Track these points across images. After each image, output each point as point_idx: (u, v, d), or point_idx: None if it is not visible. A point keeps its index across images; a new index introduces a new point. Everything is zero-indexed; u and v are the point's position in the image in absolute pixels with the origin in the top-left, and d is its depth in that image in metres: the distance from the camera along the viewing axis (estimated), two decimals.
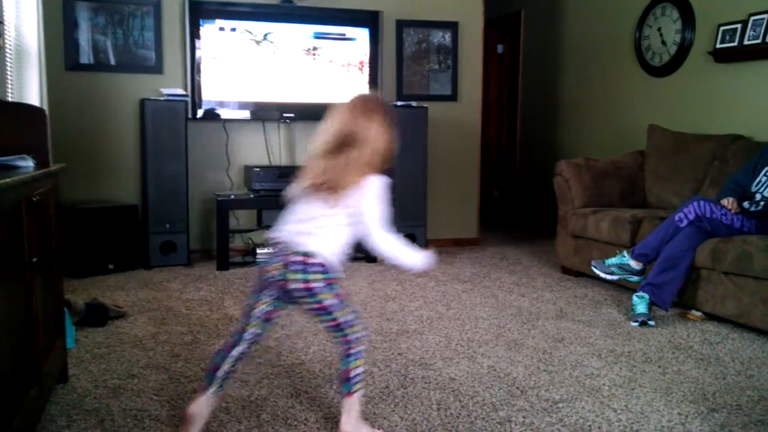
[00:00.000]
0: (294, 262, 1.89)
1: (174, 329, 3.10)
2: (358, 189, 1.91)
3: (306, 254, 1.89)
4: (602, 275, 3.64)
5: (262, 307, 1.98)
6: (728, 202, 3.38)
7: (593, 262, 3.71)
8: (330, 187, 1.91)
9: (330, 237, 1.93)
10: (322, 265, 1.90)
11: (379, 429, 2.10)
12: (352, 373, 1.96)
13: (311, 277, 1.89)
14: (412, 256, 2.01)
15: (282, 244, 1.95)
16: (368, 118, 1.96)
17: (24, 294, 1.84)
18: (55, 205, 2.36)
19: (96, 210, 4.26)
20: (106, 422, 2.12)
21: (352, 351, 1.97)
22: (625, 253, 3.59)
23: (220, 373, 1.97)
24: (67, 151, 4.28)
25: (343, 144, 1.93)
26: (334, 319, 1.93)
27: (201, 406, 1.96)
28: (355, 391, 1.97)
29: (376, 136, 1.96)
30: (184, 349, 2.82)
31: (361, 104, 2.00)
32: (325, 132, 1.99)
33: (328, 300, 1.91)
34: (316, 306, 1.92)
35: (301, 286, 1.89)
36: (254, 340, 2.02)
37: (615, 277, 3.62)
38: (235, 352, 1.99)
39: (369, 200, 1.92)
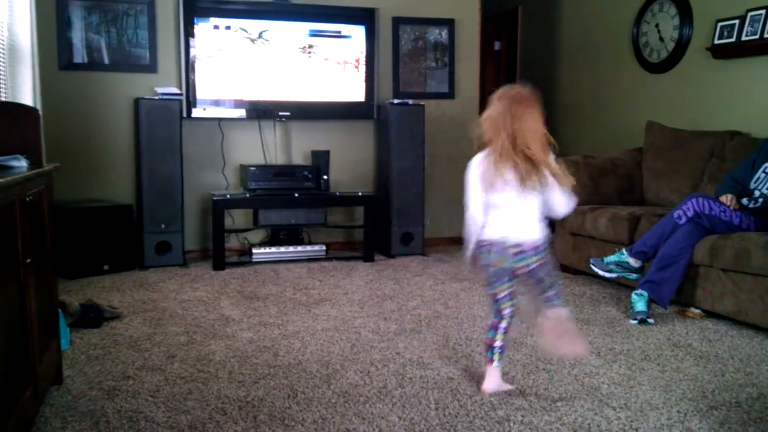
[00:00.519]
0: (529, 251, 2.25)
1: (169, 330, 3.08)
2: (542, 173, 2.24)
3: (533, 242, 2.25)
4: (601, 273, 3.63)
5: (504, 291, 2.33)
6: (727, 199, 3.37)
7: (592, 260, 3.70)
8: (526, 176, 2.21)
9: (536, 219, 2.27)
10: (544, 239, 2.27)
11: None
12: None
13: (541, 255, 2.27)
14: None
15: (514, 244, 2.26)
16: (528, 108, 2.30)
17: (18, 295, 1.82)
18: (49, 205, 2.34)
19: (90, 210, 4.23)
20: (101, 424, 2.10)
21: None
22: (623, 250, 3.57)
23: (496, 344, 2.35)
24: (61, 151, 4.26)
25: (515, 138, 2.24)
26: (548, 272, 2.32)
27: (493, 378, 2.36)
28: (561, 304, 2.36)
29: (537, 124, 2.30)
30: (179, 350, 2.80)
31: (519, 96, 2.31)
32: (493, 125, 2.30)
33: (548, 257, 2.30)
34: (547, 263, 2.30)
35: (539, 260, 2.27)
36: (512, 314, 2.35)
37: (614, 275, 3.61)
38: (502, 326, 2.35)
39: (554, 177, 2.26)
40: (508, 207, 2.25)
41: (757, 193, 3.40)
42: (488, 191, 2.27)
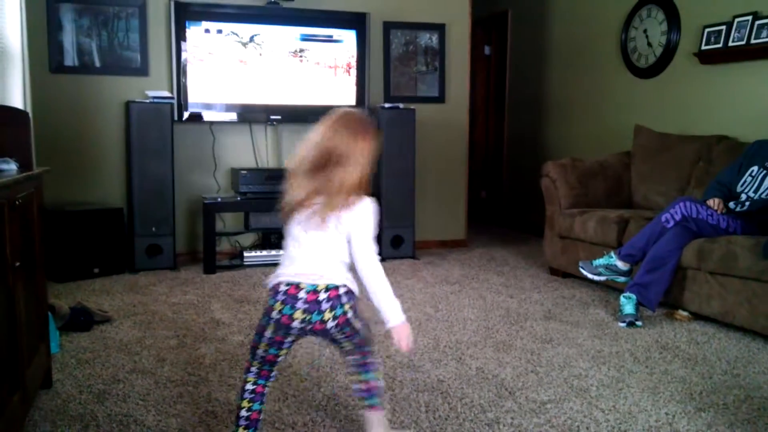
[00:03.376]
0: (324, 300, 1.77)
1: (160, 333, 3.07)
2: (348, 210, 1.78)
3: (331, 287, 1.78)
4: (590, 276, 3.66)
5: (279, 356, 1.87)
6: (714, 203, 3.40)
7: (581, 263, 3.72)
8: (320, 210, 1.78)
9: (338, 260, 1.81)
10: (347, 291, 1.80)
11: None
12: (378, 384, 1.96)
13: (346, 307, 1.80)
14: (393, 309, 1.83)
15: (295, 284, 1.78)
16: (354, 136, 1.80)
17: (7, 298, 1.82)
18: (39, 208, 2.33)
19: (81, 213, 4.22)
20: (91, 428, 2.10)
21: (374, 362, 1.96)
22: (612, 253, 3.60)
23: (258, 417, 1.89)
24: (52, 154, 4.25)
25: (327, 162, 1.78)
26: (362, 338, 1.89)
27: None
28: (382, 406, 1.97)
29: (363, 154, 1.79)
30: (170, 354, 2.79)
31: (347, 120, 1.83)
32: (308, 147, 1.84)
33: (358, 323, 1.85)
34: (348, 333, 1.84)
35: (339, 321, 1.79)
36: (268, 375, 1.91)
37: (602, 278, 3.63)
38: (264, 391, 1.91)
39: (361, 224, 1.80)
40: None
41: (743, 197, 3.44)
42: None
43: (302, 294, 1.76)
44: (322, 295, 1.76)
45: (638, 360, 2.79)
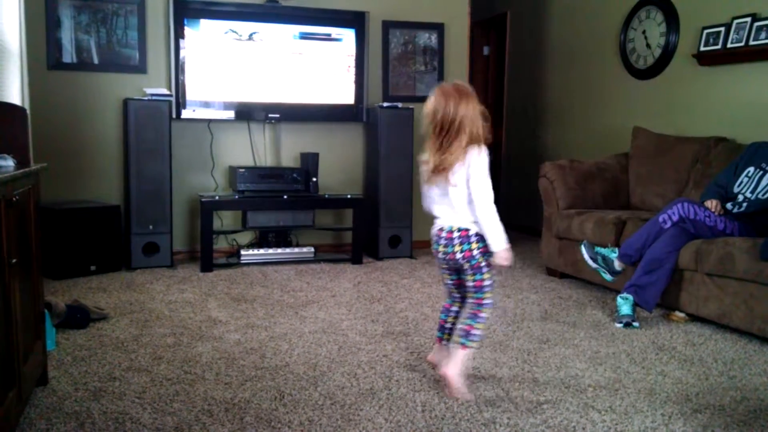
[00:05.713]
0: (456, 237, 2.34)
1: (156, 331, 3.07)
2: (463, 164, 2.26)
3: (462, 229, 2.33)
4: (586, 257, 3.63)
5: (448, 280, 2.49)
6: (712, 204, 3.40)
7: (585, 243, 3.69)
8: (443, 169, 2.27)
9: (465, 210, 2.31)
10: (477, 234, 2.32)
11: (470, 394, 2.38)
12: (474, 331, 2.36)
13: (473, 245, 2.33)
14: (499, 240, 2.31)
15: (440, 227, 2.39)
16: (462, 102, 2.28)
17: (3, 295, 1.81)
18: (36, 205, 2.33)
19: (78, 210, 4.21)
20: (87, 425, 2.09)
21: (481, 314, 2.38)
22: (616, 249, 3.60)
23: (447, 326, 2.52)
24: (49, 151, 4.24)
25: (443, 128, 2.28)
26: (481, 280, 2.36)
27: (440, 354, 2.51)
28: (470, 347, 2.36)
29: (472, 116, 2.28)
30: (166, 352, 2.79)
31: (454, 90, 2.30)
32: (427, 118, 2.34)
33: (483, 263, 2.34)
34: (474, 266, 2.35)
35: (465, 254, 2.33)
36: (461, 297, 2.50)
37: (594, 266, 3.63)
38: (453, 309, 2.52)
39: (473, 169, 2.27)
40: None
41: (741, 198, 3.44)
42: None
43: (443, 234, 2.37)
44: (455, 234, 2.34)
45: (635, 361, 2.79)
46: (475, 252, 2.33)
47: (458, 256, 2.33)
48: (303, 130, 5.01)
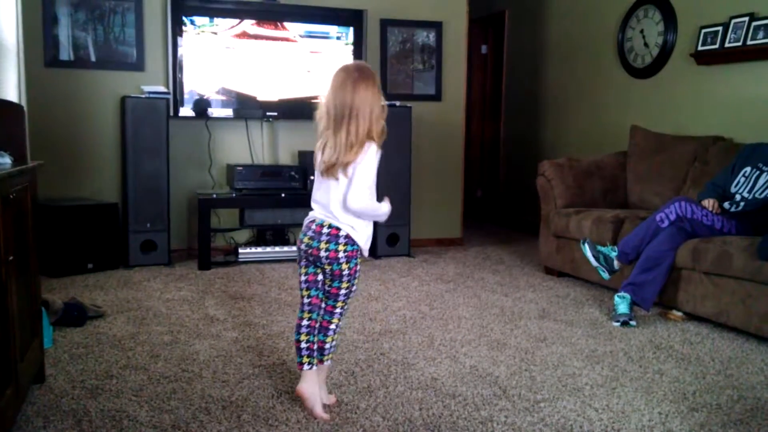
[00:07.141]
0: (324, 234, 2.10)
1: (153, 329, 3.06)
2: (355, 161, 2.04)
3: (331, 227, 2.10)
4: (588, 254, 3.64)
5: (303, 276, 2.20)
6: (709, 203, 3.41)
7: (587, 240, 3.69)
8: (340, 166, 2.04)
9: (340, 207, 2.10)
10: (346, 237, 2.11)
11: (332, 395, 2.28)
12: (327, 344, 2.22)
13: (340, 247, 2.10)
14: (379, 206, 2.15)
15: (311, 219, 2.15)
16: (361, 88, 2.03)
17: (0, 293, 1.81)
18: (33, 202, 2.32)
19: (75, 208, 4.20)
20: (84, 423, 2.09)
21: (331, 330, 2.21)
22: (615, 248, 3.61)
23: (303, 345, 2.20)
24: (46, 148, 4.23)
25: (341, 117, 2.03)
26: (338, 288, 2.15)
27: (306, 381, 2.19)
28: (325, 361, 2.23)
29: (372, 104, 2.05)
30: (163, 350, 2.79)
31: (352, 75, 2.05)
32: (325, 106, 2.08)
33: (346, 270, 2.13)
34: (335, 272, 2.13)
35: (329, 254, 2.10)
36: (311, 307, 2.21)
37: (594, 264, 3.64)
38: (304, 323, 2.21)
39: (360, 166, 2.05)
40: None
41: (738, 197, 3.45)
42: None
43: (313, 226, 2.13)
44: (325, 230, 2.10)
45: (632, 359, 2.79)
46: (341, 255, 2.10)
47: (322, 254, 2.10)
48: (301, 128, 5.01)
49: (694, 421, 2.20)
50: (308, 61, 4.84)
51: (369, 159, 2.07)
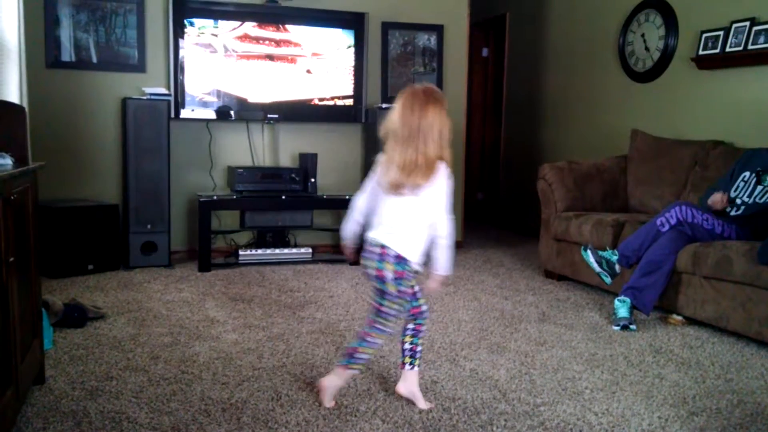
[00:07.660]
0: (378, 254, 2.13)
1: (154, 331, 3.06)
2: (430, 182, 2.07)
3: (383, 246, 2.12)
4: (590, 261, 3.62)
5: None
6: (718, 195, 3.41)
7: (589, 246, 3.68)
8: (409, 186, 2.08)
9: (408, 230, 2.13)
10: (397, 256, 2.12)
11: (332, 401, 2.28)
12: (359, 354, 2.21)
13: (387, 266, 2.12)
14: (445, 263, 2.18)
15: (374, 240, 2.16)
16: (429, 112, 2.09)
17: (0, 294, 1.81)
18: (34, 203, 2.32)
19: (76, 209, 4.21)
20: (84, 424, 2.09)
21: (369, 338, 2.21)
22: (616, 252, 3.60)
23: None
24: (48, 150, 4.23)
25: (407, 137, 2.07)
26: (383, 305, 2.19)
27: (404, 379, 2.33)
28: (351, 369, 2.24)
29: (440, 126, 2.09)
30: (163, 351, 2.79)
31: (419, 98, 2.12)
32: (391, 124, 2.14)
33: (393, 288, 2.16)
34: (380, 289, 2.18)
35: (375, 273, 2.15)
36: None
37: (597, 269, 3.63)
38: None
39: (440, 192, 2.11)
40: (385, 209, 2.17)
41: (738, 201, 3.45)
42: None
43: (376, 248, 2.14)
44: (377, 250, 2.13)
45: (632, 363, 2.79)
46: (387, 274, 2.13)
47: (385, 274, 2.14)
48: (302, 131, 5.01)
49: (694, 426, 2.20)
50: (309, 64, 4.85)
51: (445, 183, 2.12)
